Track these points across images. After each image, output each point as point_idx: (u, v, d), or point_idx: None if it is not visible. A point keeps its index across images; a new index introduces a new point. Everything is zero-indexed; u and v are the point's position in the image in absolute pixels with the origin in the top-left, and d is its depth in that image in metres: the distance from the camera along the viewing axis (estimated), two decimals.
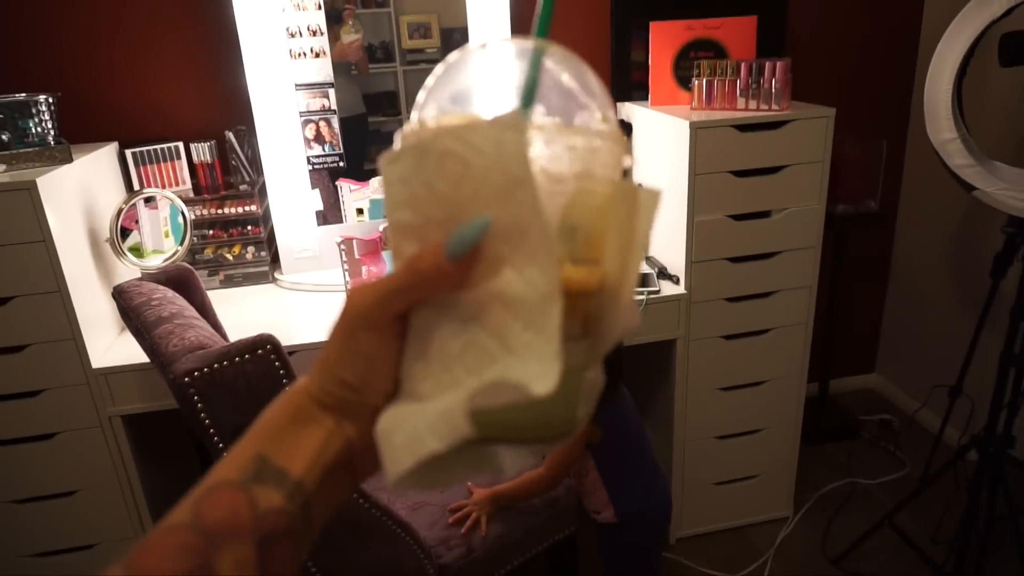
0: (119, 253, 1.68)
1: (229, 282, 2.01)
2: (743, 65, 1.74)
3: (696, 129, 1.66)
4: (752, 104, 1.75)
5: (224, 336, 1.54)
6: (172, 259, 1.78)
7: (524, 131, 0.35)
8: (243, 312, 1.84)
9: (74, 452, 1.64)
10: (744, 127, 1.69)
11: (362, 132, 2.01)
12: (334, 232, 2.02)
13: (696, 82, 1.80)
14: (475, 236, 0.35)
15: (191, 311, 1.28)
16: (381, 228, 1.75)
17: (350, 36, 1.91)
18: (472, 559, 1.42)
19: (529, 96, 0.38)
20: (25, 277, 1.48)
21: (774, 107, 1.73)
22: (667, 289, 1.82)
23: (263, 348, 1.04)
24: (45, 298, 1.50)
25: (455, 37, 1.96)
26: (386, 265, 1.77)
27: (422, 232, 0.37)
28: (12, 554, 1.70)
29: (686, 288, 1.81)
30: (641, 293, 1.78)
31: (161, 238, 1.83)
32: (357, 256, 1.71)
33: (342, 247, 1.69)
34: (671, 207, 1.83)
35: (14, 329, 1.52)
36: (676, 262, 1.84)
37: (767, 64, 1.71)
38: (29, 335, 1.53)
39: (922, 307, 2.56)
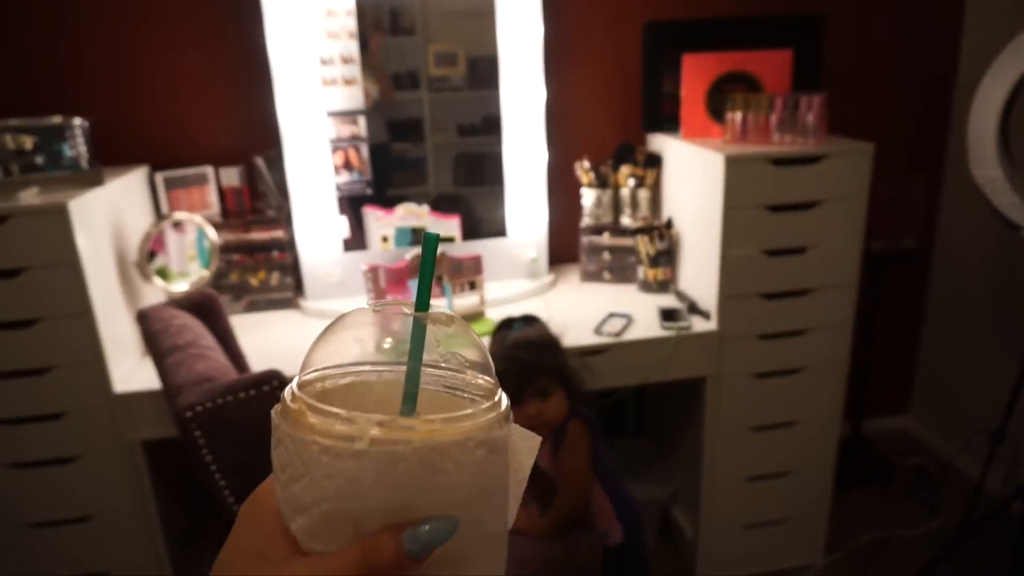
0: (146, 277, 1.68)
1: (253, 308, 2.00)
2: (779, 99, 1.72)
3: (731, 162, 1.63)
4: (787, 138, 1.72)
5: (244, 365, 1.53)
6: (197, 284, 1.77)
7: (506, 452, 0.38)
8: (266, 339, 1.82)
9: (91, 477, 1.62)
10: (779, 161, 1.66)
11: (387, 159, 2.00)
12: (359, 259, 2.01)
13: (730, 115, 1.77)
14: (444, 539, 0.36)
15: (208, 339, 1.26)
16: (408, 257, 1.73)
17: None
18: None
19: (412, 400, 0.39)
20: (52, 299, 1.48)
21: (810, 142, 1.70)
22: (698, 325, 1.77)
23: (269, 384, 1.01)
24: (71, 321, 1.50)
25: (481, 66, 1.96)
26: (411, 293, 1.74)
27: (357, 520, 0.36)
28: None
29: (717, 324, 1.76)
30: (672, 329, 1.74)
31: (187, 261, 1.83)
32: (383, 285, 1.69)
33: (368, 275, 1.67)
34: (702, 241, 1.79)
35: (39, 351, 1.51)
36: (707, 297, 1.80)
37: (803, 99, 1.68)
38: (53, 357, 1.52)
39: (960, 347, 2.48)
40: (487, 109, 2.00)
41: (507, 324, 1.57)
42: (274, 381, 1.01)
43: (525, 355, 1.45)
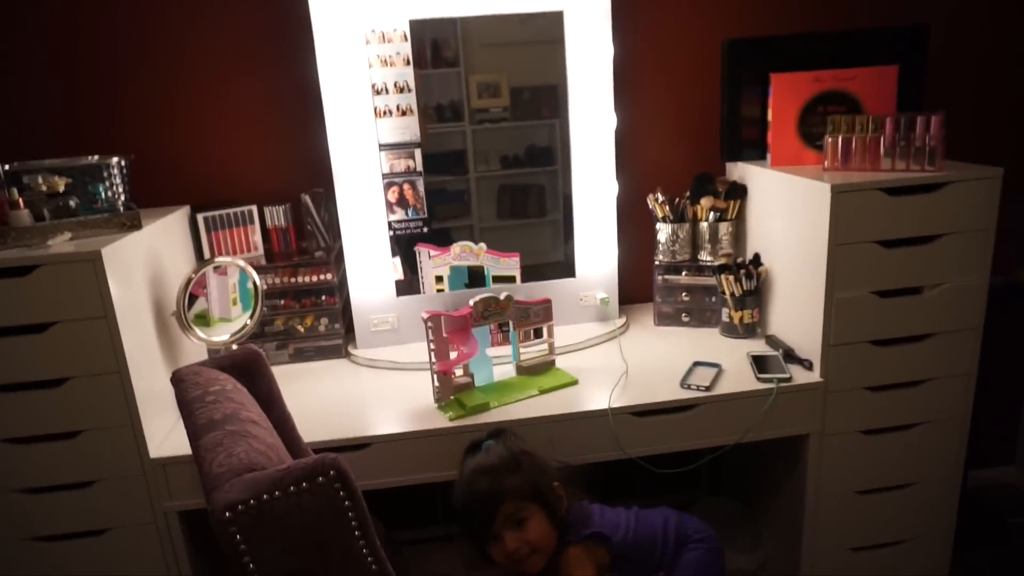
0: (185, 328, 1.53)
1: (299, 356, 1.84)
2: (888, 120, 1.52)
3: (838, 193, 1.43)
4: (900, 164, 1.52)
5: (292, 433, 1.35)
6: (241, 333, 1.62)
7: None
8: (314, 391, 1.66)
9: (125, 549, 1.46)
10: (894, 190, 1.45)
11: (441, 195, 1.84)
12: (414, 304, 1.84)
13: (829, 139, 1.58)
14: None
15: (250, 410, 1.09)
16: (471, 302, 1.56)
17: None
18: None
19: None
20: (84, 356, 1.34)
21: (928, 168, 1.49)
22: (799, 376, 1.56)
23: (325, 475, 0.84)
24: (103, 379, 1.35)
25: (524, 96, 1.80)
26: (477, 344, 1.57)
27: None
28: None
29: (822, 375, 1.55)
30: (770, 381, 1.53)
31: (229, 305, 1.68)
32: (445, 334, 1.52)
33: (429, 324, 1.50)
34: (801, 280, 1.59)
35: (69, 413, 1.37)
36: (808, 344, 1.59)
37: (919, 119, 1.48)
38: (85, 420, 1.38)
39: None
40: (546, 139, 1.84)
41: (472, 448, 1.36)
42: (331, 472, 0.83)
43: (484, 482, 1.25)
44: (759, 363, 1.61)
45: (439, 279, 1.90)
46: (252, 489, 0.81)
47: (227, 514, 0.79)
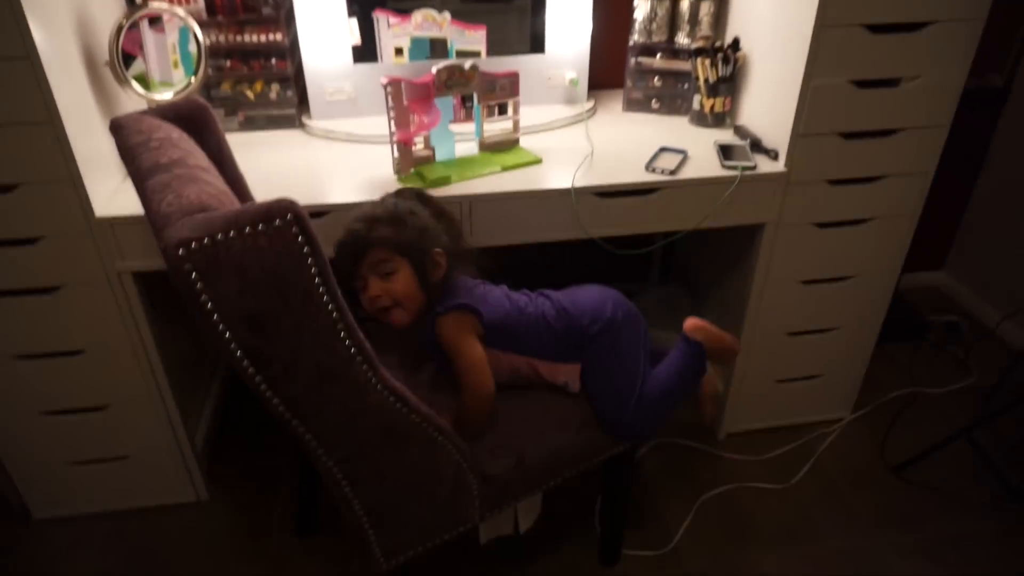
0: (121, 80, 1.41)
1: (250, 125, 1.74)
2: None
3: None
4: None
5: (244, 191, 1.31)
6: (184, 92, 1.51)
7: None
8: (267, 162, 1.59)
9: (80, 308, 1.45)
10: None
11: None
12: (372, 72, 1.72)
13: None
14: None
15: (199, 158, 1.03)
16: (434, 70, 1.46)
17: None
18: (521, 470, 1.26)
19: None
20: (9, 102, 1.22)
21: None
22: (764, 166, 1.55)
23: (282, 218, 0.80)
24: (34, 130, 1.25)
25: None
26: (439, 115, 1.49)
27: None
28: (19, 412, 1.56)
29: (786, 165, 1.54)
30: (735, 168, 1.52)
31: (170, 68, 1.55)
32: (405, 102, 1.44)
33: (388, 90, 1.41)
34: (779, 67, 1.53)
35: (1, 163, 1.28)
36: (776, 135, 1.56)
37: None
38: (19, 172, 1.29)
39: (1013, 204, 2.29)
40: None
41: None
42: (288, 215, 0.80)
43: (361, 226, 1.24)
44: (725, 151, 1.59)
45: (399, 51, 1.77)
46: (206, 228, 0.78)
47: (180, 251, 0.76)
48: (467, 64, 1.50)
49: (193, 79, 1.53)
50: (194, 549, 1.67)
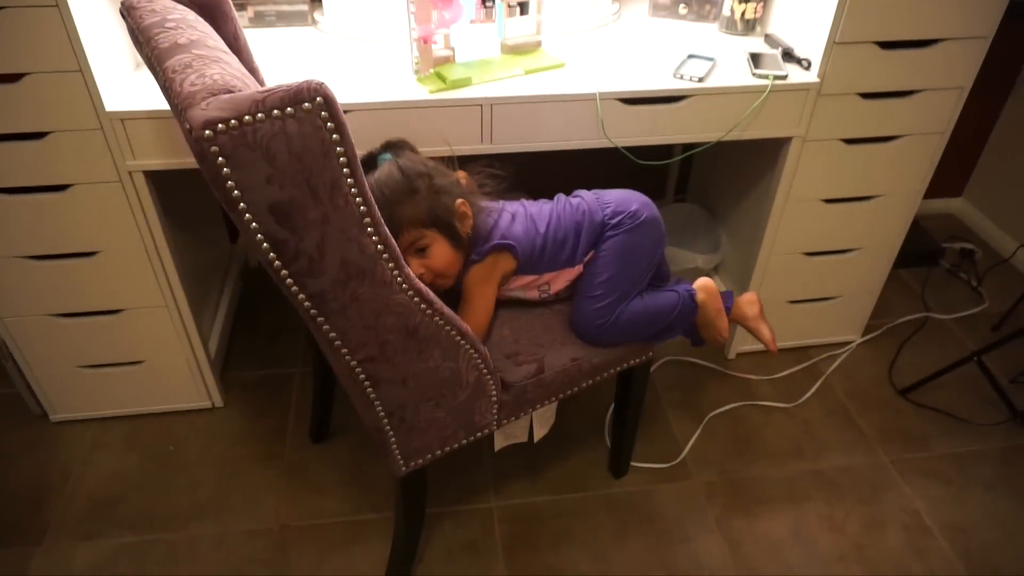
0: None
1: (260, 20, 1.67)
2: None
3: None
4: None
5: (260, 81, 1.26)
6: None
7: None
8: (277, 58, 1.53)
9: (92, 208, 1.42)
10: None
11: None
12: None
13: None
14: None
15: (216, 41, 0.98)
16: None
17: None
18: (540, 378, 1.26)
19: None
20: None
21: None
22: (795, 75, 1.49)
23: (311, 101, 0.76)
24: (41, 12, 1.19)
25: None
26: (461, 10, 1.42)
27: None
28: (34, 314, 1.55)
29: (819, 75, 1.48)
30: (765, 77, 1.46)
31: None
32: None
33: None
34: None
35: (7, 49, 1.22)
36: (810, 44, 1.50)
37: None
38: (24, 60, 1.24)
39: None
40: None
41: (367, 163, 1.23)
42: (317, 98, 0.76)
43: (383, 213, 1.18)
44: (756, 60, 1.53)
45: None
46: (232, 108, 0.74)
47: (207, 132, 0.73)
48: None
49: None
50: (210, 453, 1.70)
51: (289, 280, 0.89)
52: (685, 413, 1.83)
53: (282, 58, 1.54)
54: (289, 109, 0.76)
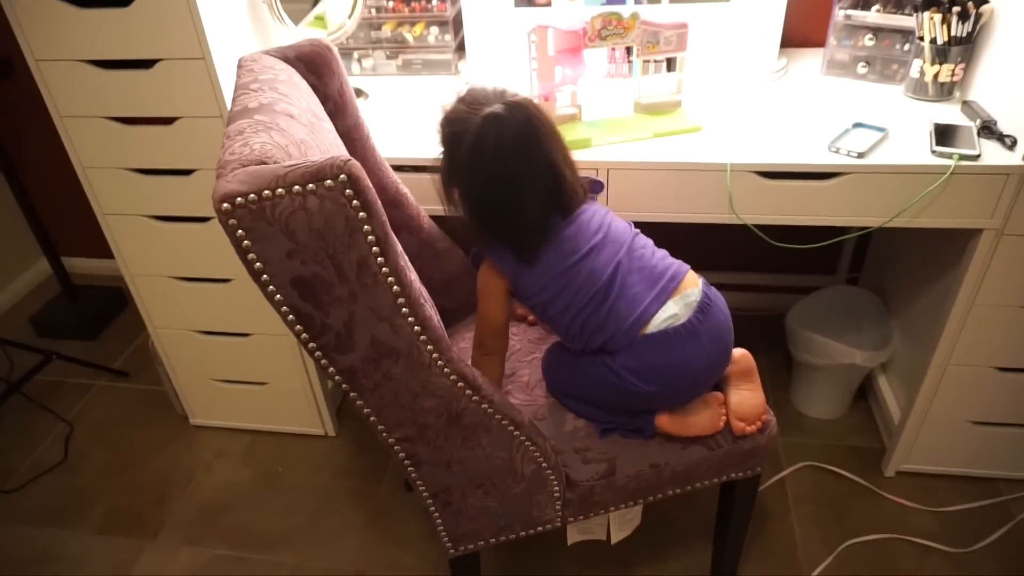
0: (276, 16, 1.41)
1: (407, 68, 1.70)
2: None
3: None
4: None
5: (362, 140, 1.25)
6: (337, 33, 1.49)
7: None
8: (412, 108, 1.54)
9: (226, 239, 1.52)
10: None
11: None
12: (533, 19, 1.59)
13: None
14: None
15: (294, 104, 0.97)
16: (589, 17, 1.30)
17: None
18: (610, 480, 1.12)
19: None
20: (167, 37, 1.27)
21: None
22: (990, 155, 1.21)
23: (333, 179, 0.72)
24: (188, 64, 1.29)
25: None
26: (585, 68, 1.34)
27: None
28: (177, 326, 1.70)
29: None
30: (947, 156, 1.20)
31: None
32: (551, 52, 1.30)
33: (533, 39, 1.28)
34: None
35: (160, 96, 1.35)
36: (1016, 114, 1.21)
37: None
38: (177, 105, 1.35)
39: None
40: None
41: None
42: (340, 176, 0.71)
43: None
44: (942, 134, 1.26)
45: None
46: (253, 182, 0.72)
47: (224, 205, 0.71)
48: (626, 12, 1.31)
49: (348, 21, 1.50)
50: (311, 481, 1.75)
51: (318, 353, 0.85)
52: (817, 533, 1.56)
53: (418, 105, 1.55)
54: (310, 186, 0.72)
